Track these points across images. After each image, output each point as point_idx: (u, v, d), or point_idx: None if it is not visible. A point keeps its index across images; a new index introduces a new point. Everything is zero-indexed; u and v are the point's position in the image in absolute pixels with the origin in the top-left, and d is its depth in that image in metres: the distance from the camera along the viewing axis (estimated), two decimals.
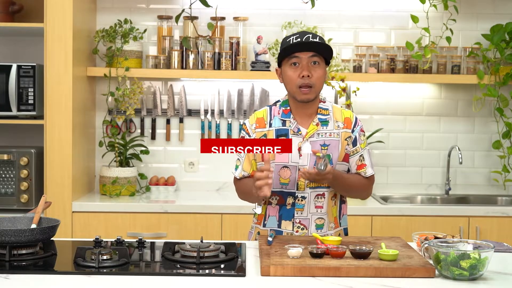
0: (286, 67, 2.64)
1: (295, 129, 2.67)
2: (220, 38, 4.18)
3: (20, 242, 2.31)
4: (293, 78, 2.62)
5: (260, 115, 2.74)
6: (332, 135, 2.69)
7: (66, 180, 3.76)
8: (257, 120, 2.73)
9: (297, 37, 2.61)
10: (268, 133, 2.70)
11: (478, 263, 2.11)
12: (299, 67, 2.61)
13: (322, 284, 2.10)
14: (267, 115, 2.73)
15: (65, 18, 3.73)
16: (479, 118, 4.39)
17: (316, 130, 2.67)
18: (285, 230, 2.71)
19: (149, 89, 4.34)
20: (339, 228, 2.79)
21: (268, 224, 2.74)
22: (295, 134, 2.67)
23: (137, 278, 2.15)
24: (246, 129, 2.74)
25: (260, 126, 2.72)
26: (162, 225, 3.77)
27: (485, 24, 4.32)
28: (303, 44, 2.59)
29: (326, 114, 2.71)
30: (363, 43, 4.32)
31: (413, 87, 4.36)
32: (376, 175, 4.32)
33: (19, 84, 3.82)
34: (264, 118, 2.72)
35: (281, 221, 2.71)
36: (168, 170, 4.36)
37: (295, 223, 2.70)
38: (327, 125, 2.69)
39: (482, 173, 4.42)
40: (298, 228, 2.70)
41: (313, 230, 2.70)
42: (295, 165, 2.66)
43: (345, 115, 2.74)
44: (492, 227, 3.82)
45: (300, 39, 2.60)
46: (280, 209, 2.71)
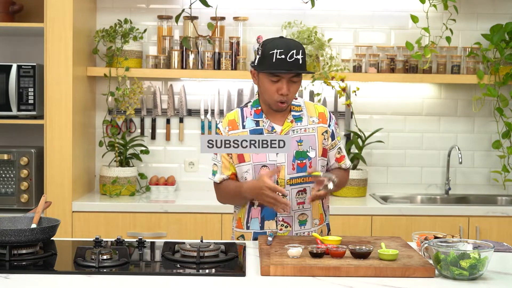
0: (265, 78, 2.62)
1: (269, 128, 2.68)
2: (220, 38, 4.18)
3: (20, 242, 2.31)
4: (270, 92, 2.62)
5: (231, 117, 2.74)
6: (308, 131, 2.70)
7: (66, 180, 3.76)
8: (229, 122, 2.73)
9: (281, 52, 2.56)
10: (241, 134, 2.69)
11: (478, 263, 2.11)
12: (279, 83, 2.60)
13: (322, 283, 2.10)
14: (238, 116, 2.73)
15: (65, 18, 3.73)
16: (479, 118, 4.40)
17: (291, 127, 2.69)
18: (268, 229, 2.71)
19: (149, 89, 4.34)
20: (323, 223, 2.79)
21: (251, 227, 2.74)
22: (270, 132, 2.68)
23: (137, 278, 2.16)
24: (220, 133, 2.73)
25: (233, 128, 2.72)
26: (162, 225, 3.77)
27: (485, 24, 4.32)
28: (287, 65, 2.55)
29: (299, 110, 2.73)
30: (363, 43, 4.32)
31: (413, 87, 4.37)
32: (376, 175, 4.36)
33: (19, 84, 3.82)
34: (236, 120, 2.73)
35: (264, 222, 2.72)
36: (168, 170, 4.36)
37: (279, 221, 2.70)
38: (301, 121, 2.71)
39: (482, 173, 4.42)
40: (282, 226, 2.70)
41: (297, 227, 2.71)
42: (273, 163, 2.67)
43: (318, 110, 2.76)
44: (492, 227, 3.82)
45: (284, 56, 2.55)
46: (262, 210, 2.71)
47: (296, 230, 2.71)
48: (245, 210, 2.76)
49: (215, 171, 2.77)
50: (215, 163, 2.76)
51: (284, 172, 2.67)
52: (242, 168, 2.70)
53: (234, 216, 2.85)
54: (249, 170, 2.68)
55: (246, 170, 2.69)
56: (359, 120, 4.34)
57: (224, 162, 2.73)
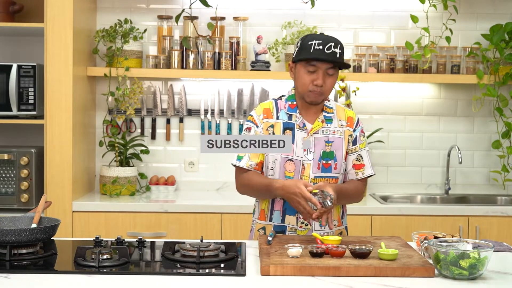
0: (301, 69, 2.65)
1: (300, 124, 2.70)
2: (220, 38, 4.18)
3: (20, 242, 2.32)
4: (306, 82, 2.64)
5: (266, 106, 2.76)
6: (336, 133, 2.73)
7: (66, 180, 3.77)
8: (264, 110, 2.74)
9: (319, 43, 2.60)
10: (275, 124, 2.71)
11: (478, 262, 2.11)
12: (315, 74, 2.62)
13: (322, 283, 2.10)
14: (273, 107, 2.75)
15: (65, 18, 3.73)
16: (479, 118, 4.40)
17: (321, 127, 2.70)
18: (288, 225, 2.71)
19: (149, 89, 4.34)
20: (342, 226, 2.80)
21: (274, 219, 2.74)
22: (301, 128, 2.70)
23: (137, 277, 2.16)
24: (253, 120, 2.73)
25: (268, 116, 2.73)
26: (162, 225, 3.78)
27: (484, 24, 4.33)
28: (324, 55, 2.58)
29: (331, 112, 2.75)
30: (363, 43, 4.33)
31: (412, 87, 4.37)
32: (376, 175, 4.35)
33: (19, 84, 3.82)
34: (271, 110, 2.74)
35: (285, 215, 2.72)
36: (168, 170, 4.36)
37: (299, 219, 2.71)
38: (331, 122, 2.73)
39: (482, 172, 4.43)
40: (302, 223, 2.71)
41: (317, 227, 2.71)
42: (299, 159, 2.68)
43: (348, 114, 2.78)
44: (491, 226, 3.82)
45: (322, 47, 2.59)
46: (284, 203, 2.72)
47: (316, 229, 2.71)
48: (268, 202, 2.75)
49: (240, 156, 2.73)
50: None
51: (310, 170, 2.68)
52: (272, 157, 2.70)
53: (255, 207, 2.83)
54: (276, 161, 2.69)
55: (273, 160, 2.70)
56: None
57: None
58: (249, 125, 2.74)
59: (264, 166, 2.74)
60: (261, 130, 2.71)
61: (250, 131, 2.73)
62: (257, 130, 2.72)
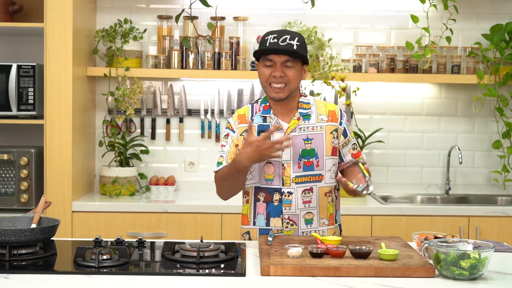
0: (260, 65, 2.66)
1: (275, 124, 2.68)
2: (220, 38, 4.18)
3: (20, 242, 2.31)
4: (265, 76, 2.64)
5: (241, 112, 2.78)
6: (315, 129, 2.70)
7: (66, 180, 3.76)
8: (238, 116, 2.77)
9: (274, 37, 2.60)
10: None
11: (478, 263, 2.11)
12: (272, 67, 2.62)
13: (322, 283, 2.10)
14: (248, 112, 2.76)
15: (65, 18, 3.73)
16: (479, 118, 4.39)
17: (298, 125, 2.68)
18: (274, 227, 2.70)
19: (149, 89, 4.34)
20: (335, 225, 2.78)
21: (258, 223, 2.73)
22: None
23: (137, 278, 2.15)
24: (230, 126, 2.77)
25: (242, 122, 2.74)
26: (162, 225, 3.77)
27: (485, 24, 4.32)
28: (278, 48, 2.58)
29: (307, 108, 2.72)
30: (363, 43, 4.32)
31: (413, 87, 4.37)
32: (376, 175, 4.35)
33: (19, 84, 3.82)
34: (246, 115, 2.76)
35: (269, 218, 2.71)
36: (168, 170, 4.36)
37: (284, 219, 2.70)
38: (309, 119, 2.70)
39: (482, 173, 4.42)
40: (287, 224, 2.70)
41: (303, 226, 2.70)
42: (278, 161, 2.67)
43: (329, 108, 2.75)
44: (492, 227, 3.82)
45: (276, 40, 2.59)
46: (268, 206, 2.71)
47: (302, 228, 2.70)
48: (250, 206, 2.75)
49: (220, 162, 2.73)
50: (221, 155, 2.74)
51: (290, 169, 2.67)
52: None
53: None
54: (254, 165, 2.68)
55: None
56: (359, 120, 4.34)
57: (231, 153, 2.71)
58: (227, 132, 2.77)
59: None
60: (237, 135, 2.73)
61: (228, 137, 2.75)
62: (233, 135, 2.74)
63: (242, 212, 2.79)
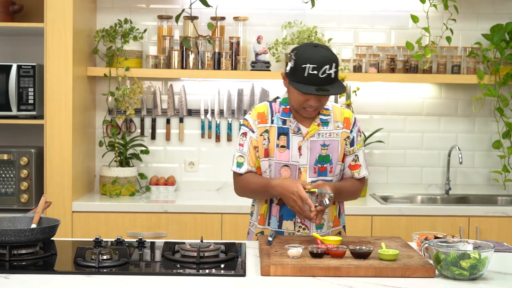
0: (294, 86, 2.54)
1: (295, 129, 2.67)
2: (220, 38, 4.18)
3: (20, 242, 2.31)
4: (299, 101, 2.58)
5: (261, 110, 2.71)
6: (332, 135, 2.69)
7: (66, 180, 3.76)
8: (258, 115, 2.70)
9: (314, 67, 2.48)
10: (270, 129, 2.68)
11: (478, 263, 2.11)
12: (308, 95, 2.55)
13: (322, 284, 2.10)
14: (268, 110, 2.71)
15: (65, 18, 3.73)
16: (479, 118, 4.39)
17: (317, 130, 2.67)
18: (286, 230, 2.71)
19: (149, 89, 4.34)
20: (339, 226, 2.79)
21: (271, 225, 2.73)
22: (296, 133, 2.66)
23: (137, 278, 2.15)
24: (248, 125, 2.70)
25: (262, 121, 2.70)
26: (162, 225, 3.77)
27: (485, 24, 4.32)
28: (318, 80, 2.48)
29: (327, 114, 2.70)
30: (363, 43, 4.32)
31: (413, 87, 4.36)
32: (376, 175, 4.35)
33: (19, 84, 3.82)
34: (266, 114, 2.70)
35: (282, 221, 2.71)
36: (168, 170, 4.36)
37: (297, 223, 2.70)
38: (328, 125, 2.69)
39: (482, 173, 4.42)
40: (299, 228, 2.70)
41: (314, 231, 2.70)
42: (295, 164, 2.66)
43: (344, 115, 2.74)
44: (492, 227, 3.82)
45: (316, 72, 2.48)
46: (281, 209, 2.71)
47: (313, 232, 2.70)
48: (267, 207, 2.74)
49: (240, 163, 2.71)
50: (241, 155, 2.71)
51: (306, 174, 2.66)
52: (267, 163, 2.69)
53: (253, 211, 2.82)
54: (271, 166, 2.68)
55: (268, 166, 2.68)
56: (359, 120, 4.33)
57: (252, 156, 2.70)
58: (245, 130, 2.71)
59: (262, 172, 2.72)
60: (257, 135, 2.69)
61: (246, 136, 2.70)
62: (252, 135, 2.69)
63: (260, 212, 2.77)
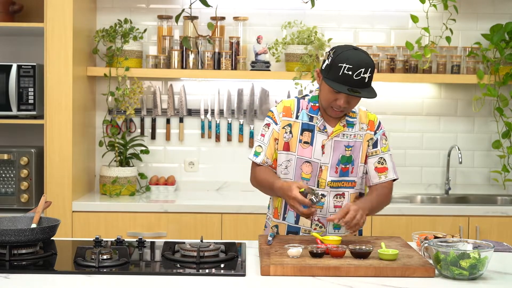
0: (326, 86, 2.58)
1: (321, 127, 2.67)
2: (220, 38, 4.18)
3: (20, 242, 2.32)
4: (328, 100, 2.60)
5: (287, 104, 2.74)
6: (356, 137, 2.70)
7: (66, 180, 3.76)
8: (284, 108, 2.72)
9: (349, 68, 2.49)
10: (293, 124, 2.69)
11: (478, 262, 2.11)
12: (338, 95, 2.56)
13: (322, 283, 2.10)
14: (294, 105, 2.73)
15: (65, 18, 3.73)
16: (479, 118, 4.40)
17: (342, 131, 2.68)
18: (303, 226, 2.71)
19: (149, 89, 4.34)
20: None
21: (287, 219, 2.73)
22: (321, 131, 2.68)
23: (137, 277, 2.16)
24: (273, 116, 2.73)
25: (287, 115, 2.71)
26: (162, 225, 3.78)
27: (485, 24, 4.32)
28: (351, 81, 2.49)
29: (353, 117, 2.72)
30: (363, 43, 4.32)
31: (413, 87, 4.37)
32: None
33: (19, 84, 3.82)
34: (292, 108, 2.72)
35: (299, 217, 2.70)
36: (168, 170, 4.36)
37: (314, 221, 2.70)
38: (353, 127, 2.70)
39: (482, 172, 4.42)
40: (316, 226, 2.70)
41: (331, 230, 2.71)
42: (317, 162, 2.67)
43: (369, 118, 2.75)
44: (492, 226, 3.82)
45: (351, 73, 2.49)
46: None
47: (330, 232, 2.71)
48: (282, 200, 2.74)
49: (258, 152, 2.73)
50: (260, 144, 2.73)
51: (327, 173, 2.67)
52: (285, 157, 2.69)
53: (270, 204, 2.83)
54: (291, 161, 2.68)
55: (288, 159, 2.69)
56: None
57: (271, 147, 2.71)
58: (268, 121, 2.74)
59: (278, 163, 2.72)
60: (279, 128, 2.70)
61: (269, 127, 2.73)
62: (275, 127, 2.71)
63: (274, 205, 2.78)
